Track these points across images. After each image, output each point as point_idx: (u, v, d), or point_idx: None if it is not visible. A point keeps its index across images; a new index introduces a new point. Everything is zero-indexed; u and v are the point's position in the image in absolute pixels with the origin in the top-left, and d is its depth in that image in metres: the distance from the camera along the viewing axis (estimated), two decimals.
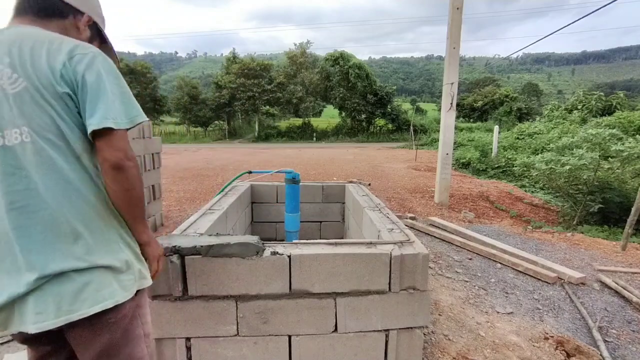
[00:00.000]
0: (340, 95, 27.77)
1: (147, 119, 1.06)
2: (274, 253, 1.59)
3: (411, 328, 1.71)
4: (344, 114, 30.24)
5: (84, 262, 0.91)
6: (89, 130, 0.90)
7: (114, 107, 0.91)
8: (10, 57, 0.88)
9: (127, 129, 0.95)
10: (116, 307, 0.95)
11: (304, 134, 30.12)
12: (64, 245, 0.90)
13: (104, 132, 0.90)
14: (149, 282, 1.07)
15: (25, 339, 0.98)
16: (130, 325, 1.02)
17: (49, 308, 0.87)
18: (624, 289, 2.89)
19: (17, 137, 0.87)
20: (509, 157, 11.62)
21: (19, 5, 0.98)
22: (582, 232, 4.98)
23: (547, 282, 3.05)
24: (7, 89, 0.87)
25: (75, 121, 0.93)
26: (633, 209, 3.89)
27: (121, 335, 0.99)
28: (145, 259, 1.08)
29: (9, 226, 0.87)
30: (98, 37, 1.15)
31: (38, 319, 0.86)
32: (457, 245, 4.00)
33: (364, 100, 27.36)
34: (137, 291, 1.02)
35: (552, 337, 2.22)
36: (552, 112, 18.51)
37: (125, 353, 1.01)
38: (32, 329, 0.86)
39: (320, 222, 3.67)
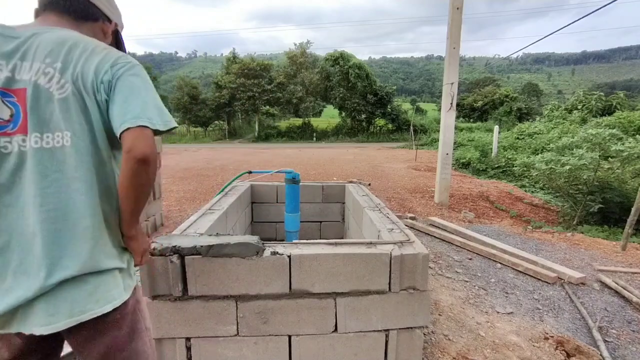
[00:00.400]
0: (340, 95, 27.76)
1: (177, 125, 1.08)
2: (274, 253, 1.59)
3: (411, 328, 1.71)
4: (344, 114, 30.23)
5: (102, 265, 0.93)
6: (123, 128, 0.89)
7: (149, 109, 0.93)
8: (60, 61, 0.88)
9: (160, 132, 0.95)
10: (122, 305, 0.98)
11: (304, 134, 30.11)
12: (86, 249, 0.91)
13: (137, 129, 0.89)
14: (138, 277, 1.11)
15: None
16: (134, 320, 1.04)
17: (61, 309, 0.87)
18: (624, 289, 2.89)
19: (59, 140, 0.88)
20: (509, 157, 11.62)
21: (53, 2, 0.98)
22: (582, 232, 4.98)
23: (547, 282, 3.05)
24: (54, 93, 0.88)
25: (105, 128, 0.95)
26: (633, 209, 3.89)
27: (126, 331, 1.01)
28: (131, 252, 1.09)
29: (36, 227, 0.87)
30: (116, 44, 1.18)
31: (50, 320, 0.86)
32: (457, 245, 4.00)
33: (364, 100, 27.35)
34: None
35: (552, 337, 2.22)
36: (552, 112, 18.51)
37: (131, 348, 1.03)
38: (41, 330, 0.86)
39: (320, 222, 3.67)
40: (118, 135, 0.90)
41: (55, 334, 0.89)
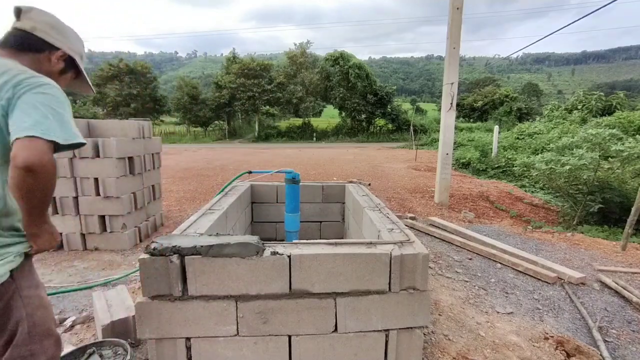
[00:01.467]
0: (340, 95, 27.76)
1: (85, 142, 1.11)
2: (274, 253, 1.59)
3: (411, 328, 1.71)
4: (344, 114, 30.24)
5: None
6: (13, 139, 0.96)
7: (47, 122, 0.99)
8: None
9: (61, 147, 1.01)
10: None
11: (304, 134, 30.12)
12: None
13: (25, 139, 0.95)
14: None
15: None
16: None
17: None
18: (624, 289, 2.89)
19: None
20: (509, 157, 11.62)
21: (3, 40, 1.11)
22: (582, 232, 4.98)
23: (547, 282, 3.05)
24: None
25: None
26: (633, 209, 3.89)
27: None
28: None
29: None
30: (73, 69, 1.27)
31: None
32: (457, 245, 4.00)
33: (364, 100, 27.36)
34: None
35: (552, 337, 2.22)
36: (552, 112, 18.51)
37: None
38: None
39: (320, 222, 3.66)
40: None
41: None
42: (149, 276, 1.53)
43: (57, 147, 1.01)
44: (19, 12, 1.11)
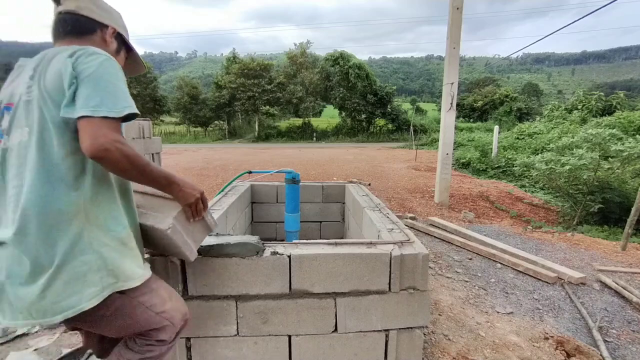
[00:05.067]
0: (340, 95, 27.75)
1: (138, 112, 1.02)
2: (274, 253, 1.59)
3: (411, 328, 1.71)
4: (344, 114, 30.22)
5: None
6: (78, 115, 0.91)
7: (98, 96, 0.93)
8: (32, 68, 0.96)
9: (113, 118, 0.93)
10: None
11: (304, 134, 30.10)
12: None
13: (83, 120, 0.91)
14: None
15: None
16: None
17: None
18: (624, 289, 2.89)
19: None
20: (509, 157, 11.61)
21: (54, 32, 1.06)
22: (582, 232, 4.98)
23: (547, 282, 3.05)
24: (23, 97, 0.96)
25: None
26: (633, 209, 3.89)
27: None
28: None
29: None
30: (124, 46, 1.23)
31: None
32: (457, 245, 4.00)
33: (364, 100, 27.34)
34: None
35: (552, 337, 2.22)
36: (552, 112, 18.49)
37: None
38: None
39: (320, 222, 3.66)
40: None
41: None
42: None
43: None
44: None
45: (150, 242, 1.27)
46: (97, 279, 0.98)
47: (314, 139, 28.83)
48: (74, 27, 1.05)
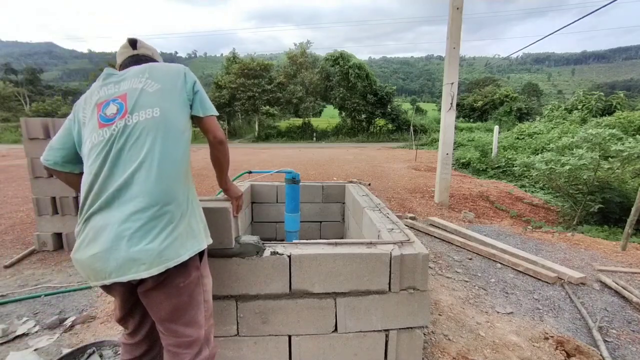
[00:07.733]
0: (340, 95, 27.75)
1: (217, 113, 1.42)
2: (274, 253, 1.59)
3: (411, 328, 1.71)
4: (344, 114, 30.22)
5: None
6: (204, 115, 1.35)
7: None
8: (147, 72, 1.28)
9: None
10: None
11: (304, 134, 30.11)
12: None
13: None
14: None
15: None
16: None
17: None
18: (624, 289, 2.89)
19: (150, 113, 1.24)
20: (509, 157, 11.61)
21: (133, 61, 1.37)
22: (582, 232, 4.98)
23: (547, 282, 3.05)
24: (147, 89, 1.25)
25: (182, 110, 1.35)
26: (633, 209, 3.89)
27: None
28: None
29: None
30: None
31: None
32: (457, 245, 4.00)
33: (364, 100, 27.34)
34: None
35: (552, 337, 2.22)
36: (552, 112, 18.50)
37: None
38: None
39: (320, 222, 3.66)
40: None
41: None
42: None
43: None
44: (134, 43, 1.39)
45: None
46: (203, 235, 1.24)
47: (314, 139, 28.83)
48: (146, 61, 1.41)
